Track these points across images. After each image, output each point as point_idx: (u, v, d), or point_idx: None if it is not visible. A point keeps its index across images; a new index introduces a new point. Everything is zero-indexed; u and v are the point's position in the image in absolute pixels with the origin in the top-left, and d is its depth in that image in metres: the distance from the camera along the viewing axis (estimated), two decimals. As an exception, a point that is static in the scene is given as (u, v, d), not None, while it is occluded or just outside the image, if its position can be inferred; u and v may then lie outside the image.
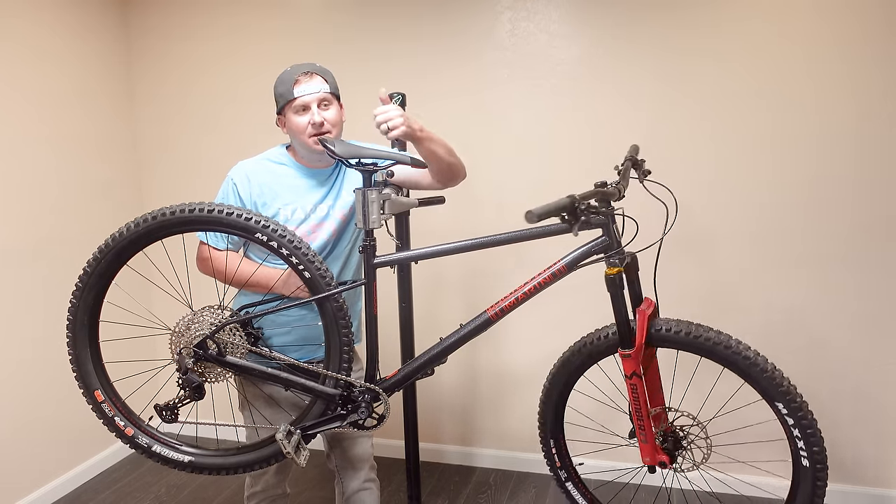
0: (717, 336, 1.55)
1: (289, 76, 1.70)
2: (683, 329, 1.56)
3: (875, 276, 2.37)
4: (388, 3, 2.77)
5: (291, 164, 1.77)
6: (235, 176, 1.72)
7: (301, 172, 1.76)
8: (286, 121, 1.72)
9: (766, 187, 2.43)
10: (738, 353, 1.53)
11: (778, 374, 1.53)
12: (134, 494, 2.79)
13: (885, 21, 2.25)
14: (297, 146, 1.75)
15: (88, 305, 1.61)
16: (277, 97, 1.72)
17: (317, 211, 1.74)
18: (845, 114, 2.33)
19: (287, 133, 1.75)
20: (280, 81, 1.71)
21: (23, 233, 2.65)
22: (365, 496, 1.95)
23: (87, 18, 2.94)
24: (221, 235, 1.70)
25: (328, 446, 1.94)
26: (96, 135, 3.00)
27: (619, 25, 2.51)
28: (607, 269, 1.60)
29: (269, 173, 1.74)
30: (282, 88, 1.70)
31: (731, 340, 1.54)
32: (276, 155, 1.79)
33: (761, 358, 1.53)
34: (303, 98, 1.67)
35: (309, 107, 1.68)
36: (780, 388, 1.53)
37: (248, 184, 1.71)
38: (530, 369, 2.80)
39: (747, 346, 1.55)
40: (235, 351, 1.63)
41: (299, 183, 1.75)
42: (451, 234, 2.77)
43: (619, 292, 1.59)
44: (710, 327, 1.57)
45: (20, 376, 2.64)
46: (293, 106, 1.68)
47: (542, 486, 2.72)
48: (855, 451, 2.46)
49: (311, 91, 1.68)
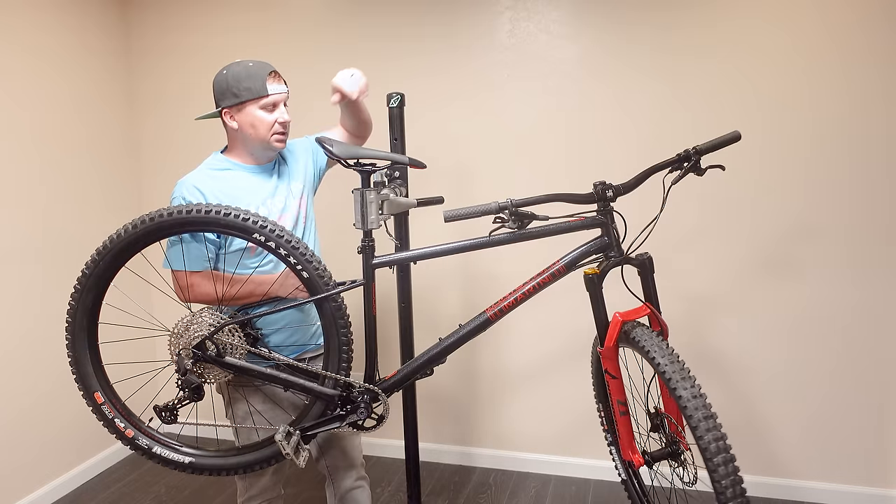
0: (667, 365, 1.44)
1: (259, 71, 1.67)
2: (648, 345, 1.49)
3: (875, 275, 2.36)
4: (389, 4, 2.77)
5: (235, 167, 1.75)
6: (185, 192, 1.67)
7: (247, 171, 1.75)
8: (243, 115, 1.68)
9: (766, 186, 2.43)
10: (675, 389, 1.41)
11: (704, 428, 1.36)
12: (134, 494, 2.79)
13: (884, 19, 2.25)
14: (249, 142, 1.72)
15: (87, 307, 1.60)
16: (241, 90, 1.66)
17: (274, 204, 1.75)
18: (846, 114, 2.33)
19: (237, 127, 1.70)
20: (246, 75, 1.66)
21: (22, 234, 2.65)
22: (358, 494, 1.95)
23: (87, 18, 2.94)
24: (201, 256, 1.67)
25: (318, 450, 1.93)
26: (96, 136, 3.00)
27: (619, 25, 2.51)
28: (586, 269, 1.61)
29: (219, 180, 1.71)
30: (250, 83, 1.66)
31: (676, 373, 1.42)
32: (217, 162, 1.76)
33: (694, 402, 1.38)
34: (275, 96, 1.68)
35: (277, 105, 1.69)
36: (698, 439, 1.37)
37: (202, 196, 1.67)
38: (530, 369, 2.79)
39: (688, 384, 1.40)
40: (234, 352, 1.63)
41: (249, 183, 1.74)
42: (451, 235, 2.79)
43: (598, 292, 1.62)
44: (672, 353, 1.46)
45: (20, 377, 2.64)
46: (262, 102, 1.67)
47: (542, 486, 2.72)
48: (854, 451, 2.46)
49: (282, 90, 1.70)
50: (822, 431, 2.49)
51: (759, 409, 2.55)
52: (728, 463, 1.32)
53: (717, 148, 1.64)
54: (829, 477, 2.50)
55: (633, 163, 2.54)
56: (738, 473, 1.32)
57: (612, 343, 1.61)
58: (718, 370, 2.57)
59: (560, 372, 2.75)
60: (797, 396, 2.49)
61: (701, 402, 1.37)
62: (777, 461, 2.55)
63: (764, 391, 2.52)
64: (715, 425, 1.35)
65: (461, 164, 2.76)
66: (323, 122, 2.64)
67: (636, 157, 2.54)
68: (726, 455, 1.32)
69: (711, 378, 2.59)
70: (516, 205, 1.55)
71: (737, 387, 2.56)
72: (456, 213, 1.56)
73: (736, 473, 1.32)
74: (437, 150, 2.76)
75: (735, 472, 1.32)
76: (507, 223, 1.56)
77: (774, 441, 2.55)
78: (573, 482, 2.74)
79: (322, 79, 2.80)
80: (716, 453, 1.32)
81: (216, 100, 1.72)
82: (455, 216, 1.56)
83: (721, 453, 1.32)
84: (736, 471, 1.32)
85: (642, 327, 1.54)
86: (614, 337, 1.60)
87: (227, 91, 1.68)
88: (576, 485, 2.72)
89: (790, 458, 2.53)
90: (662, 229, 2.52)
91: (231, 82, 1.67)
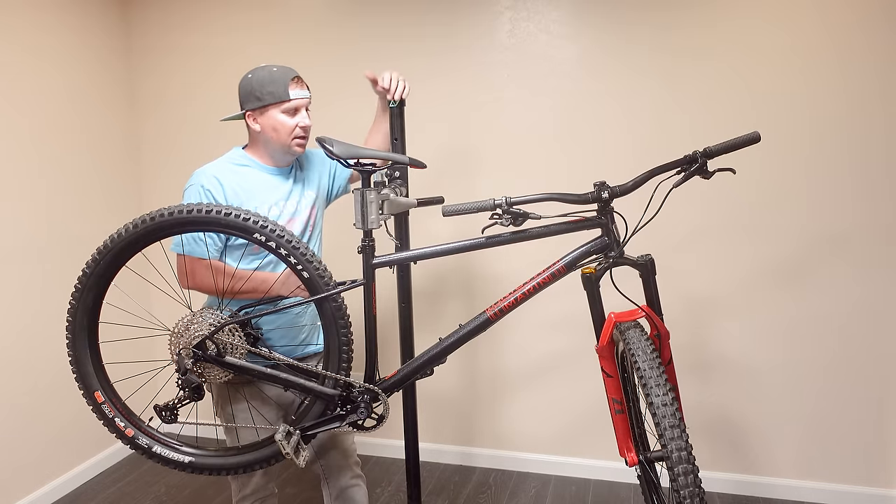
0: (646, 370, 1.44)
1: (282, 76, 1.70)
2: (634, 347, 1.49)
3: (875, 273, 2.36)
4: (389, 4, 2.77)
5: (254, 165, 1.78)
6: (205, 181, 1.70)
7: (265, 171, 1.78)
8: (266, 118, 1.72)
9: (765, 186, 2.43)
10: (648, 395, 1.42)
11: (669, 436, 1.37)
12: (134, 494, 2.79)
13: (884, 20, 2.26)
14: (271, 145, 1.75)
15: (88, 307, 1.60)
16: (264, 94, 1.70)
17: (287, 207, 1.78)
18: (845, 113, 2.33)
19: (259, 130, 1.74)
20: (270, 80, 1.70)
21: (23, 233, 2.65)
22: (354, 492, 1.95)
23: (88, 19, 2.94)
24: (212, 244, 1.70)
25: (313, 451, 1.93)
26: (97, 135, 3.00)
27: (619, 25, 2.51)
28: (583, 269, 1.62)
29: (238, 175, 1.74)
30: (273, 87, 1.69)
31: (653, 380, 1.42)
32: (237, 157, 1.79)
33: (663, 410, 1.39)
34: (296, 101, 1.72)
35: (299, 110, 1.73)
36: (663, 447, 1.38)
37: (221, 188, 1.70)
38: (530, 369, 2.80)
39: (661, 391, 1.41)
40: (235, 351, 1.63)
41: (266, 182, 1.77)
42: (451, 234, 2.79)
43: (595, 291, 1.63)
44: (654, 359, 1.46)
45: (20, 377, 2.64)
46: (284, 106, 1.71)
47: (542, 486, 2.72)
48: (854, 451, 2.46)
49: (304, 95, 1.74)
50: (821, 432, 2.49)
51: (759, 408, 2.55)
52: (689, 474, 1.32)
53: (732, 150, 1.60)
54: (829, 477, 2.50)
55: (634, 163, 2.54)
56: (699, 485, 1.32)
57: (605, 342, 1.61)
58: (719, 370, 2.57)
59: (560, 372, 2.75)
60: (797, 396, 2.49)
61: (670, 411, 1.38)
62: (777, 461, 2.55)
63: (764, 391, 2.52)
64: (681, 435, 1.35)
65: (461, 164, 2.76)
66: (323, 121, 2.65)
67: (636, 157, 2.54)
68: (687, 466, 1.33)
69: (711, 378, 2.59)
70: (511, 203, 1.56)
71: (737, 387, 2.56)
72: (454, 209, 1.59)
73: (697, 485, 1.32)
74: (438, 151, 2.76)
75: (696, 484, 1.32)
76: (501, 220, 1.57)
77: (774, 441, 2.55)
78: (573, 482, 2.74)
79: (322, 79, 2.80)
80: (677, 462, 1.33)
81: (241, 102, 1.76)
82: (453, 211, 1.59)
83: (682, 463, 1.33)
84: (697, 482, 1.32)
85: (636, 330, 1.55)
86: (608, 336, 1.61)
87: (251, 94, 1.72)
88: (576, 485, 2.72)
89: (790, 457, 2.53)
90: (663, 230, 2.52)
91: (255, 86, 1.71)
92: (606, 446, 2.73)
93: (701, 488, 1.32)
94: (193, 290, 1.72)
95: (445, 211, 1.59)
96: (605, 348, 1.63)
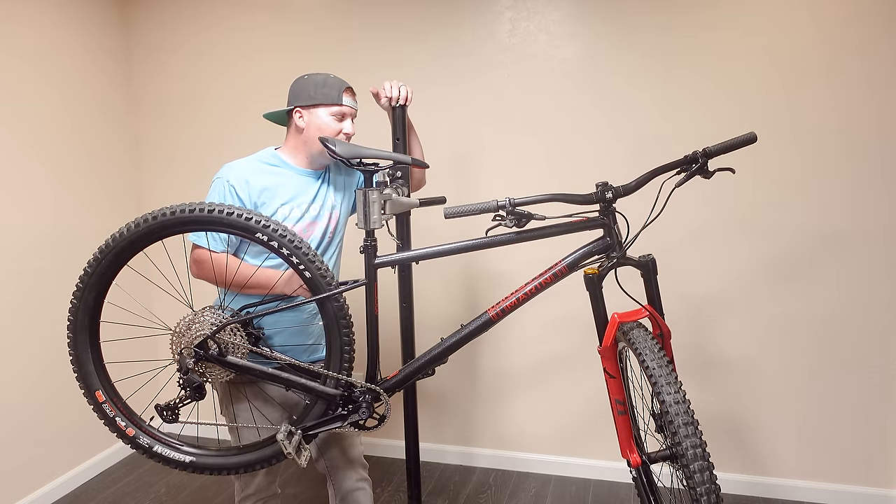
0: (655, 368, 1.44)
1: (337, 83, 1.77)
2: (640, 347, 1.49)
3: (876, 273, 2.37)
4: (389, 4, 2.77)
5: (284, 166, 1.79)
6: (232, 177, 1.72)
7: (294, 173, 1.79)
8: (313, 116, 1.75)
9: (765, 186, 2.44)
10: (659, 393, 1.41)
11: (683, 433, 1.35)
12: (134, 494, 2.79)
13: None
14: (312, 145, 1.77)
15: (89, 306, 1.60)
16: (317, 93, 1.75)
17: (310, 210, 1.79)
18: (844, 113, 2.33)
19: (303, 127, 1.77)
20: (325, 83, 1.76)
21: (23, 233, 2.64)
22: (360, 496, 1.94)
23: (88, 19, 2.94)
24: (220, 237, 1.71)
25: (317, 450, 1.94)
26: (97, 135, 3.00)
27: (619, 26, 2.51)
28: (586, 269, 1.62)
29: (266, 174, 1.76)
30: (327, 90, 1.75)
31: (663, 378, 1.42)
32: (268, 157, 1.80)
33: (675, 408, 1.38)
34: (347, 108, 1.78)
35: (346, 117, 1.78)
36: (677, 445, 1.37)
37: (247, 186, 1.71)
38: (531, 369, 2.80)
39: (672, 389, 1.39)
40: (236, 351, 1.63)
41: (294, 183, 1.78)
42: (453, 235, 2.79)
43: (598, 292, 1.63)
44: (662, 358, 1.45)
45: (20, 376, 2.64)
46: (333, 109, 1.75)
47: (542, 486, 2.72)
48: (854, 451, 2.46)
49: (354, 105, 1.81)
50: (822, 432, 2.50)
51: (759, 408, 2.55)
52: (704, 471, 1.31)
53: (730, 150, 1.62)
54: (829, 477, 2.51)
55: (634, 163, 2.54)
56: (715, 482, 1.31)
57: (609, 343, 1.61)
58: (719, 370, 2.58)
59: (560, 372, 2.75)
60: (797, 396, 2.50)
61: (683, 408, 1.37)
62: (777, 461, 2.55)
63: (764, 391, 2.53)
64: (695, 432, 1.34)
65: (462, 164, 2.76)
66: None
67: (636, 157, 2.54)
68: (703, 462, 1.32)
69: (712, 378, 2.59)
70: (515, 204, 1.56)
71: (737, 386, 2.57)
72: (456, 211, 1.59)
73: (713, 482, 1.31)
74: (439, 150, 2.77)
75: (712, 481, 1.31)
76: (505, 222, 1.57)
77: (775, 441, 2.55)
78: (573, 482, 2.74)
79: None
80: (693, 459, 1.32)
81: (290, 99, 1.80)
82: (455, 213, 1.58)
83: (699, 460, 1.32)
84: (713, 479, 1.31)
85: (640, 329, 1.55)
86: (611, 337, 1.61)
87: (304, 92, 1.77)
88: (576, 485, 2.72)
89: (790, 457, 2.54)
90: (663, 230, 2.52)
91: (309, 85, 1.77)
92: (607, 446, 2.73)
93: (717, 485, 1.31)
94: (202, 279, 1.74)
95: (447, 213, 1.58)
96: (608, 349, 1.63)
